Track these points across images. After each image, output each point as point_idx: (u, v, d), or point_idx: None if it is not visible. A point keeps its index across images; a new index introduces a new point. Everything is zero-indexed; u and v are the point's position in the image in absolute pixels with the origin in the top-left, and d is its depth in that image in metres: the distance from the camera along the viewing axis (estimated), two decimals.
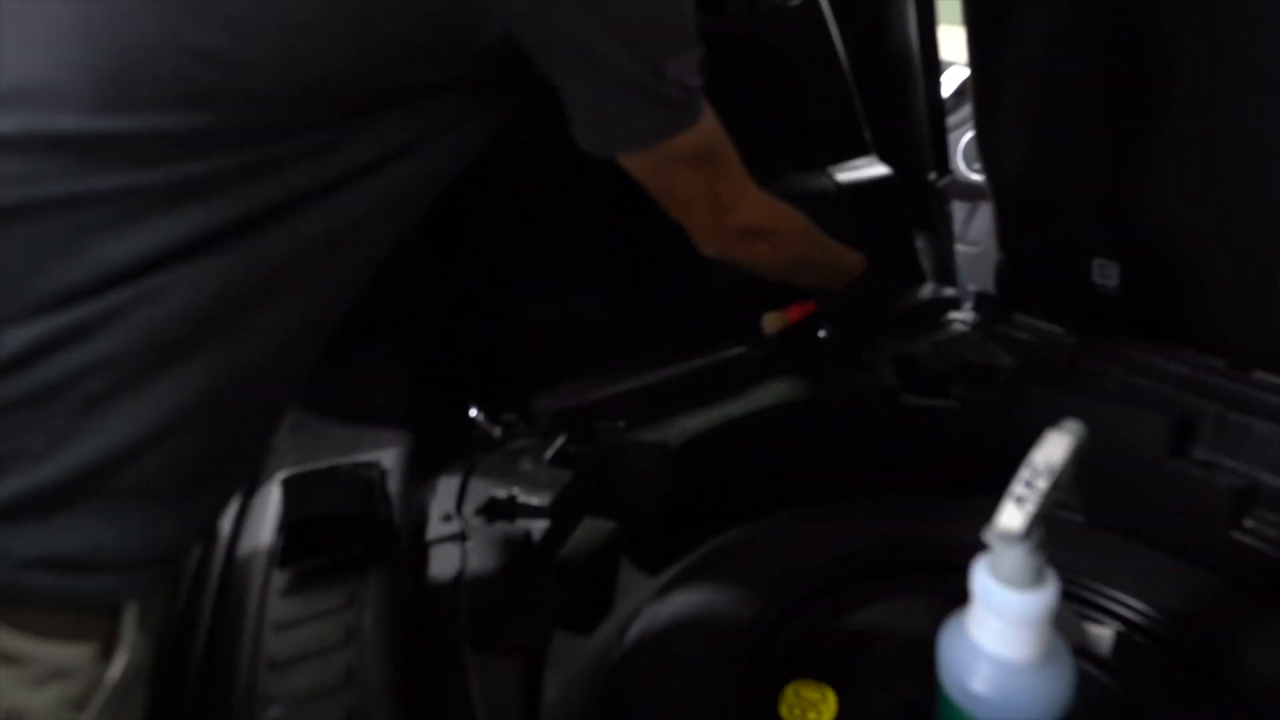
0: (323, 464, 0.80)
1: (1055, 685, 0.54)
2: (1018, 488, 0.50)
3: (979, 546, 0.90)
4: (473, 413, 0.99)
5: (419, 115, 0.59)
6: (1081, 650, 0.73)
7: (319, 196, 0.53)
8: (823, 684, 0.72)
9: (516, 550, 0.78)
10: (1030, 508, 0.49)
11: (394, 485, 0.81)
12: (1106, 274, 1.19)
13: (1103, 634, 0.79)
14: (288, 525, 0.68)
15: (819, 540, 0.92)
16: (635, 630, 0.80)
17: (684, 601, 0.83)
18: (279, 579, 0.66)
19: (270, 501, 0.75)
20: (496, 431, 0.97)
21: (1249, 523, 0.92)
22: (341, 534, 0.69)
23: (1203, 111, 0.96)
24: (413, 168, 0.60)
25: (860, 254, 1.11)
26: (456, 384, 1.01)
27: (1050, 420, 1.04)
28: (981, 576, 0.53)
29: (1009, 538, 0.49)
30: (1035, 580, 0.51)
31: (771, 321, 1.15)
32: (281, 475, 0.77)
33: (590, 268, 1.11)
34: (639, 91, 0.65)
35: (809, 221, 0.99)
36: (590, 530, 0.90)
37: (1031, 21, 1.10)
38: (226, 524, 0.75)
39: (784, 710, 0.70)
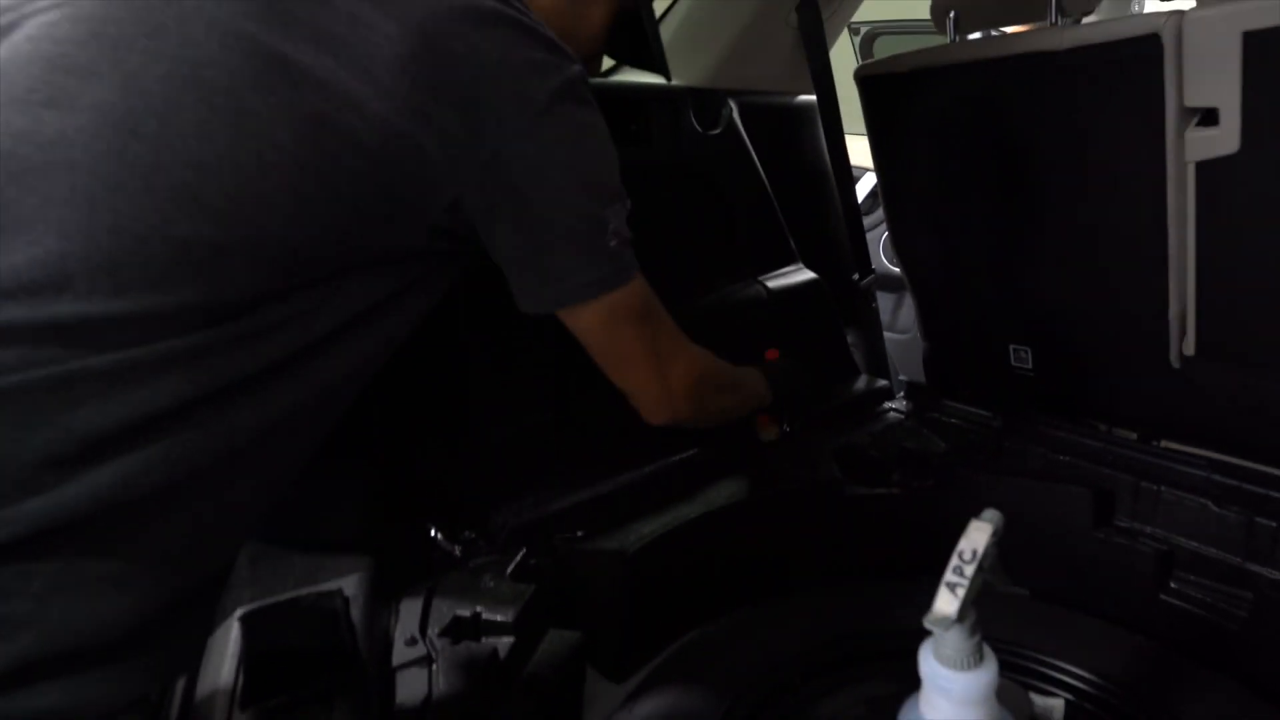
0: (284, 596, 0.81)
1: None
2: (949, 575, 0.55)
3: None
4: (432, 533, 1.01)
5: (377, 283, 0.64)
6: None
7: (287, 367, 0.58)
8: None
9: (484, 669, 0.79)
10: (962, 592, 0.54)
11: (358, 612, 0.82)
12: (1022, 358, 1.30)
13: (1053, 705, 0.83)
14: (249, 662, 0.69)
15: (779, 636, 0.95)
16: None
17: (651, 709, 0.84)
18: (242, 719, 0.66)
19: (230, 639, 0.76)
20: (457, 550, 0.99)
21: (1173, 584, 0.99)
22: (306, 668, 0.70)
23: (1080, 213, 1.09)
24: (373, 334, 0.65)
25: (754, 368, 1.13)
26: (415, 505, 1.03)
27: (985, 500, 1.12)
28: (927, 660, 0.58)
29: (945, 622, 0.54)
30: (974, 660, 0.56)
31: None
32: (240, 611, 0.78)
33: (542, 384, 1.16)
34: (582, 245, 0.71)
35: (726, 363, 1.01)
36: (555, 642, 0.91)
37: (926, 136, 1.25)
38: None
39: None
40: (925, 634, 0.84)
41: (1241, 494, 0.98)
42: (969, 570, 0.55)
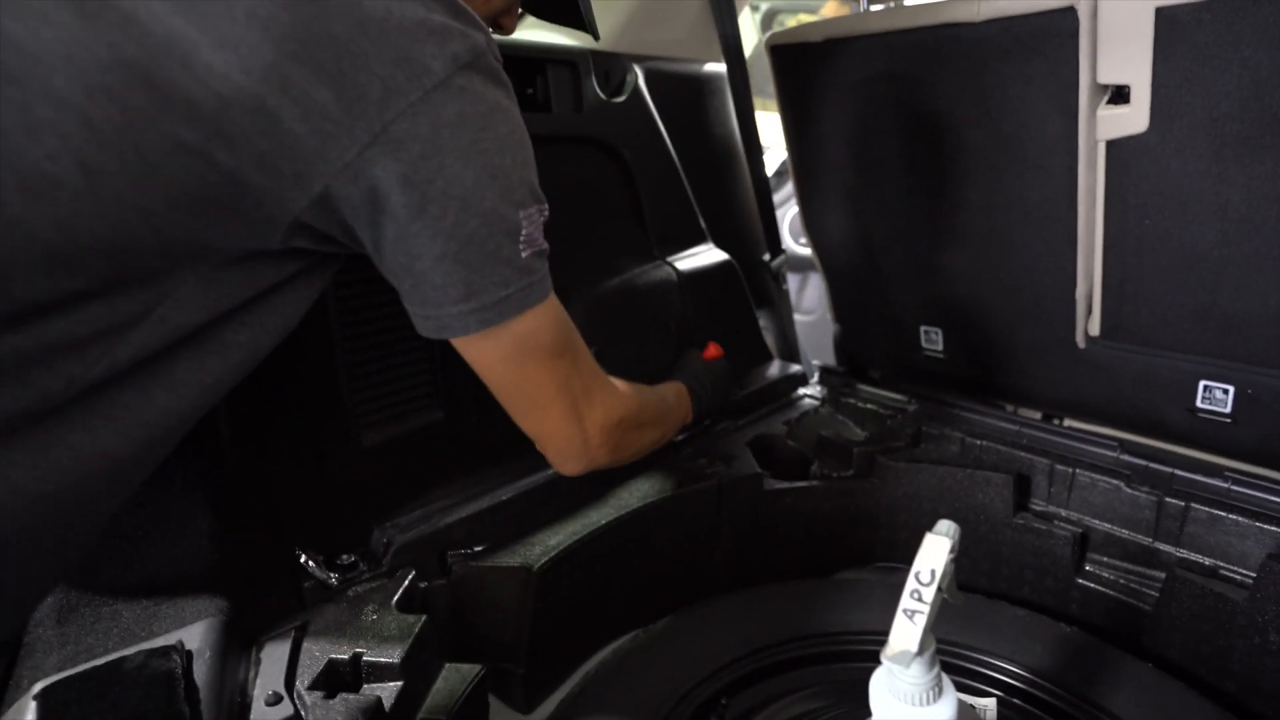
0: (101, 660, 0.65)
1: None
2: (908, 601, 0.48)
3: (858, 630, 0.91)
4: (302, 559, 0.86)
5: (212, 295, 0.51)
6: None
7: (98, 393, 0.46)
8: None
9: None
10: (921, 620, 0.47)
11: (204, 670, 0.67)
12: (932, 340, 1.28)
13: (986, 705, 0.80)
14: None
15: (701, 648, 0.87)
16: None
17: None
18: None
19: None
20: (333, 578, 0.85)
21: (1088, 567, 0.98)
22: None
23: (992, 191, 1.07)
24: (219, 353, 0.53)
25: (678, 382, 1.07)
26: (280, 528, 0.88)
27: (907, 489, 1.10)
28: (879, 694, 0.51)
29: (906, 658, 0.47)
30: (934, 694, 0.49)
31: None
32: (39, 686, 0.62)
33: (428, 379, 1.03)
34: (487, 257, 0.58)
35: (639, 385, 0.93)
36: (452, 678, 0.80)
37: (838, 110, 1.19)
38: None
39: None
40: (859, 635, 0.79)
41: (1150, 474, 0.98)
42: (928, 594, 0.49)
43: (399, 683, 0.72)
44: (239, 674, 0.73)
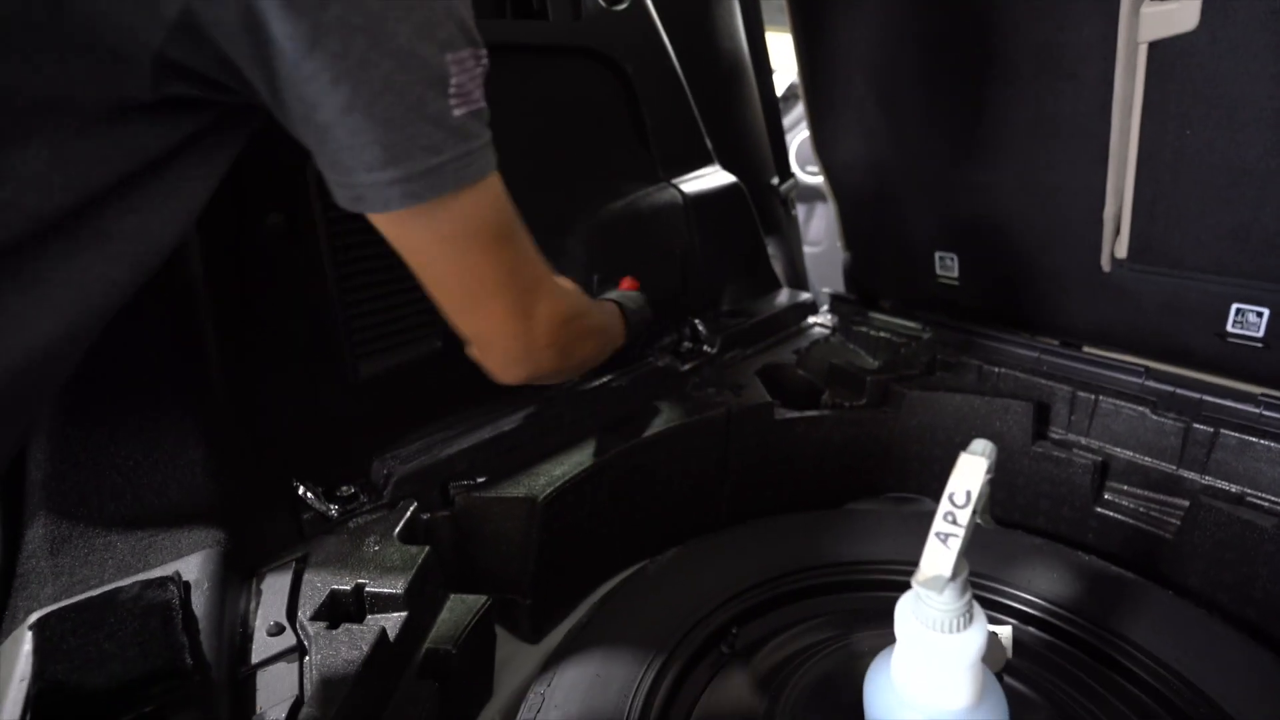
0: (97, 591, 0.64)
1: None
2: (941, 524, 0.45)
3: (868, 560, 0.89)
4: (300, 490, 0.84)
5: (79, 154, 0.42)
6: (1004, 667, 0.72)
7: None
8: None
9: (371, 657, 0.66)
10: (956, 544, 0.44)
11: (202, 600, 0.66)
12: (947, 265, 1.23)
13: (1002, 632, 0.79)
14: (41, 689, 0.52)
15: (710, 580, 0.86)
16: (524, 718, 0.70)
17: (576, 675, 0.74)
18: None
19: (20, 656, 0.58)
20: (332, 510, 0.83)
21: (1107, 495, 0.96)
22: (125, 688, 0.54)
23: (1018, 105, 1.01)
24: (106, 239, 0.43)
25: (610, 303, 0.93)
26: (277, 460, 0.86)
27: (922, 419, 1.07)
28: (906, 620, 0.49)
29: (939, 583, 0.44)
30: (965, 621, 0.47)
31: None
32: (35, 616, 0.60)
33: (425, 305, 0.99)
34: (408, 110, 0.46)
35: (585, 295, 0.80)
36: (457, 609, 0.79)
37: (854, 24, 1.12)
38: None
39: None
40: (874, 565, 0.76)
41: (1176, 400, 0.96)
42: (963, 516, 0.46)
43: (403, 613, 0.71)
44: (239, 605, 0.71)
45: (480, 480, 0.90)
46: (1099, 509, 0.95)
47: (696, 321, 1.21)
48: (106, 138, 0.42)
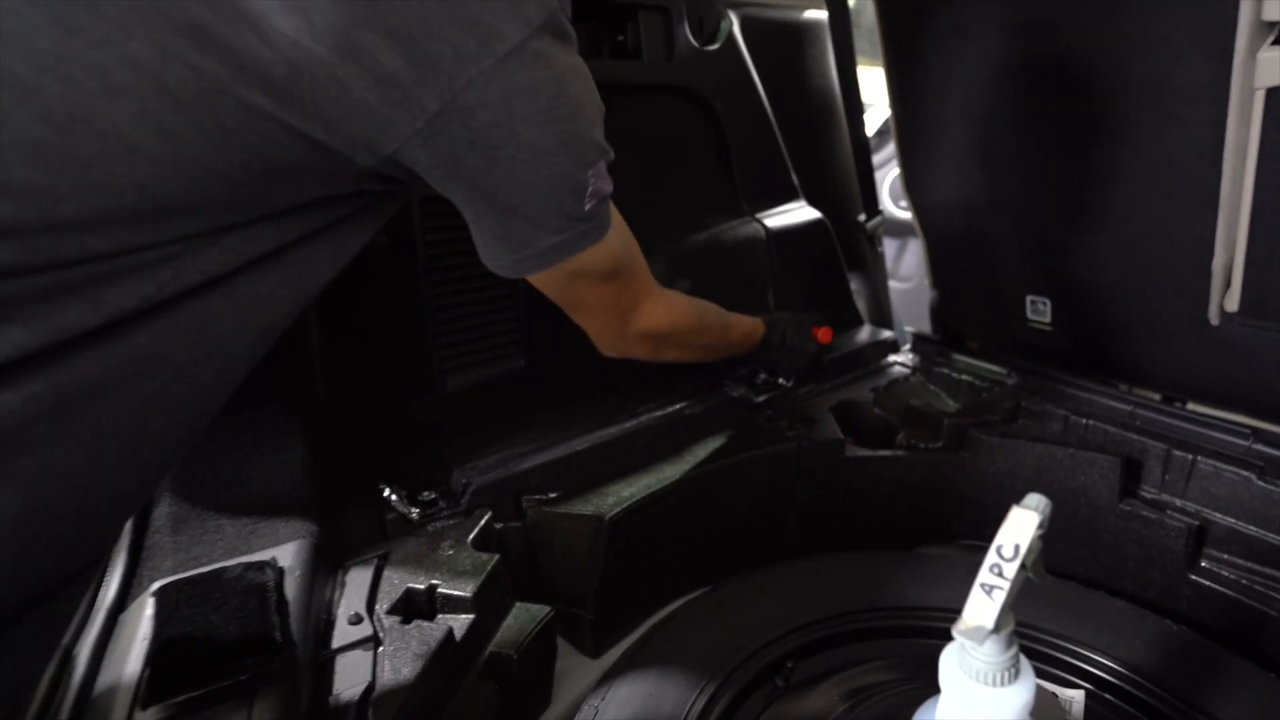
0: (207, 568, 0.72)
1: None
2: (986, 575, 0.46)
3: (937, 607, 0.88)
4: (386, 492, 0.91)
5: (282, 228, 0.52)
6: None
7: (146, 314, 0.47)
8: None
9: (438, 653, 0.71)
10: (1000, 597, 0.45)
11: (293, 586, 0.73)
12: (1040, 310, 1.20)
13: (1073, 696, 0.77)
14: (157, 649, 0.60)
15: (770, 611, 0.87)
16: None
17: (629, 691, 0.77)
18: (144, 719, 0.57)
19: (143, 618, 0.66)
20: (414, 513, 0.90)
21: (1204, 563, 0.92)
22: (226, 655, 0.60)
23: (1120, 148, 0.99)
24: (272, 277, 0.53)
25: (756, 318, 1.10)
26: (367, 463, 0.94)
27: (1000, 466, 1.05)
28: (951, 670, 0.49)
29: (980, 634, 0.45)
30: (1009, 675, 0.47)
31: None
32: (156, 585, 0.68)
33: (512, 326, 1.06)
34: (554, 212, 0.60)
35: (708, 308, 0.98)
36: (522, 617, 0.83)
37: (950, 60, 1.13)
38: (87, 647, 0.65)
39: None
40: (935, 611, 0.76)
41: None
42: (1010, 570, 0.46)
43: (470, 615, 0.76)
44: (325, 593, 0.78)
45: (552, 495, 0.95)
46: (1194, 576, 0.91)
47: None
48: (311, 210, 0.54)
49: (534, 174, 0.57)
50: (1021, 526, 0.47)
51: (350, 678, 0.68)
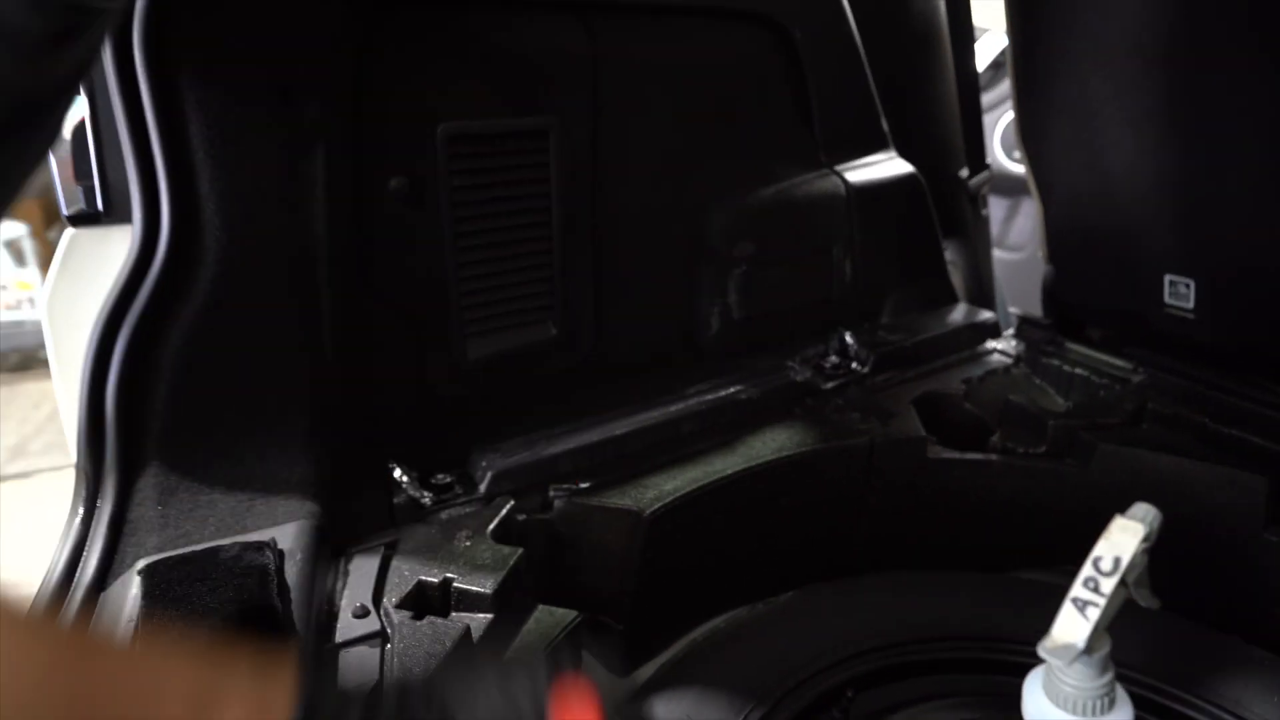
0: (200, 546, 0.77)
1: None
2: (1079, 589, 0.49)
3: (1026, 640, 0.90)
4: (396, 473, 0.97)
5: None
6: None
7: None
8: None
9: (454, 654, 0.76)
10: (1094, 614, 0.48)
11: (294, 570, 0.78)
12: (1181, 294, 1.20)
13: None
14: (144, 629, 0.66)
15: (830, 632, 0.90)
16: None
17: (665, 712, 0.81)
18: None
19: (128, 598, 0.72)
20: (425, 497, 0.95)
21: None
22: (225, 636, 0.66)
23: None
24: None
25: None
26: (375, 439, 0.99)
27: (1118, 479, 1.06)
28: (1035, 696, 0.52)
29: (1069, 653, 0.48)
30: (1103, 705, 0.50)
31: None
32: (143, 561, 0.74)
33: (543, 290, 1.10)
34: None
35: None
36: (545, 621, 0.88)
37: None
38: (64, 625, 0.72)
39: None
40: (1028, 643, 0.79)
41: None
42: (1107, 585, 0.49)
43: (489, 615, 0.81)
44: (327, 582, 0.84)
45: (584, 485, 0.99)
46: None
47: (847, 334, 1.25)
48: None
49: None
50: (1124, 538, 0.49)
51: (356, 674, 0.73)
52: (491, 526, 0.91)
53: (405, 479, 0.96)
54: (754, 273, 1.22)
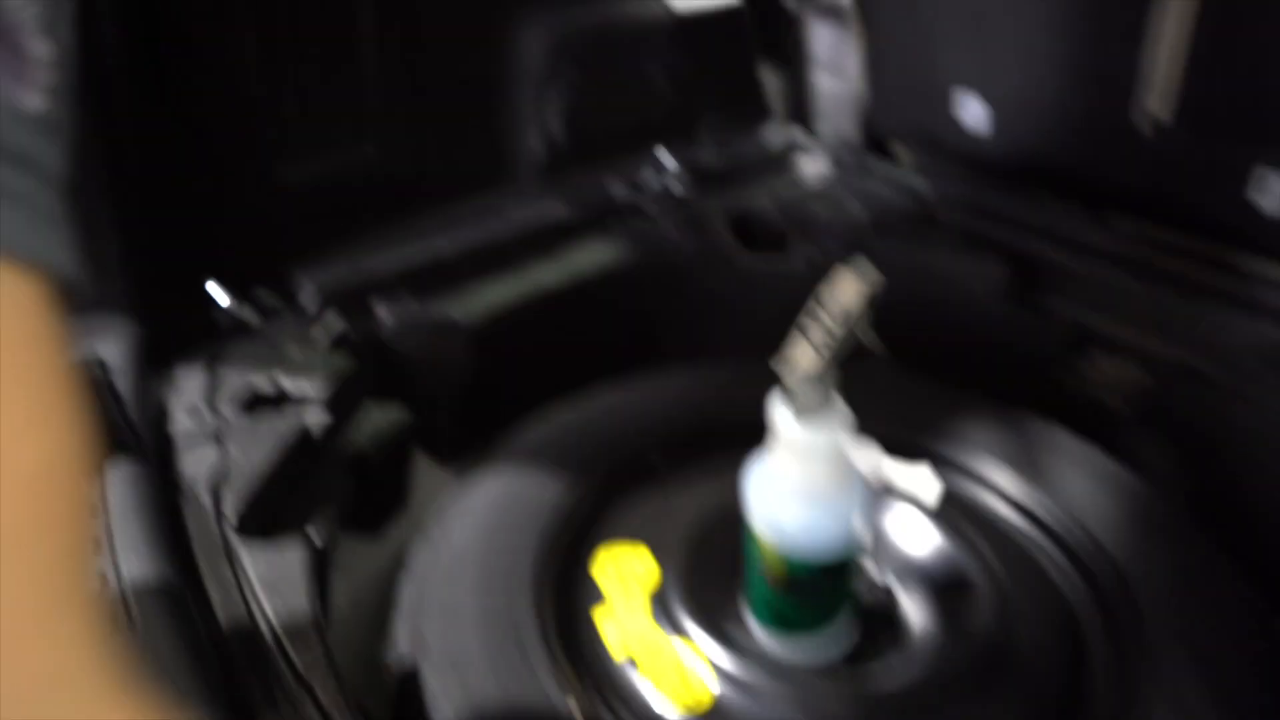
0: None
1: (846, 517, 0.73)
2: (807, 321, 0.66)
3: None
4: (216, 291, 1.04)
5: None
6: (912, 500, 0.93)
7: None
8: (637, 541, 0.88)
9: (293, 446, 0.87)
10: (816, 338, 0.66)
11: (122, 383, 0.87)
12: (974, 113, 1.38)
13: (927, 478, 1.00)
14: None
15: (637, 413, 1.05)
16: (436, 522, 0.89)
17: (488, 490, 0.93)
18: None
19: None
20: (251, 314, 1.04)
21: (1082, 366, 1.17)
22: None
23: None
24: None
25: None
26: (191, 256, 1.05)
27: (891, 274, 1.24)
28: (775, 410, 0.71)
29: (794, 372, 0.66)
30: (823, 414, 0.69)
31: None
32: None
33: (357, 106, 1.16)
34: None
35: None
36: (376, 419, 1.00)
37: None
38: None
39: (596, 572, 0.85)
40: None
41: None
42: (828, 321, 0.67)
43: (323, 412, 0.92)
44: (155, 393, 0.93)
45: (408, 298, 1.10)
46: (1068, 379, 1.16)
47: (665, 154, 1.39)
48: None
49: None
50: (844, 289, 0.67)
51: (197, 464, 0.84)
52: (319, 337, 1.01)
53: (226, 297, 1.04)
54: (573, 94, 1.31)
